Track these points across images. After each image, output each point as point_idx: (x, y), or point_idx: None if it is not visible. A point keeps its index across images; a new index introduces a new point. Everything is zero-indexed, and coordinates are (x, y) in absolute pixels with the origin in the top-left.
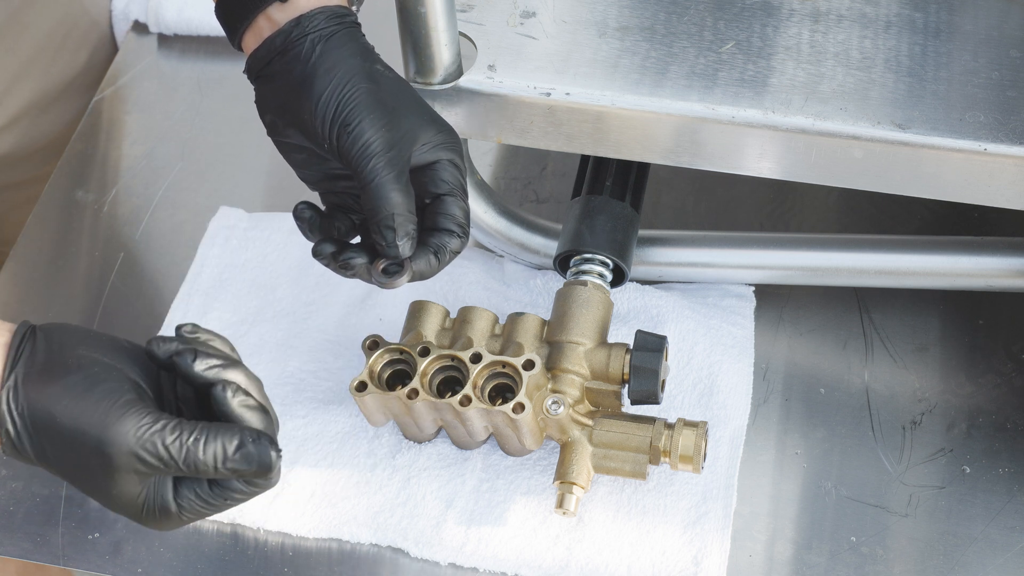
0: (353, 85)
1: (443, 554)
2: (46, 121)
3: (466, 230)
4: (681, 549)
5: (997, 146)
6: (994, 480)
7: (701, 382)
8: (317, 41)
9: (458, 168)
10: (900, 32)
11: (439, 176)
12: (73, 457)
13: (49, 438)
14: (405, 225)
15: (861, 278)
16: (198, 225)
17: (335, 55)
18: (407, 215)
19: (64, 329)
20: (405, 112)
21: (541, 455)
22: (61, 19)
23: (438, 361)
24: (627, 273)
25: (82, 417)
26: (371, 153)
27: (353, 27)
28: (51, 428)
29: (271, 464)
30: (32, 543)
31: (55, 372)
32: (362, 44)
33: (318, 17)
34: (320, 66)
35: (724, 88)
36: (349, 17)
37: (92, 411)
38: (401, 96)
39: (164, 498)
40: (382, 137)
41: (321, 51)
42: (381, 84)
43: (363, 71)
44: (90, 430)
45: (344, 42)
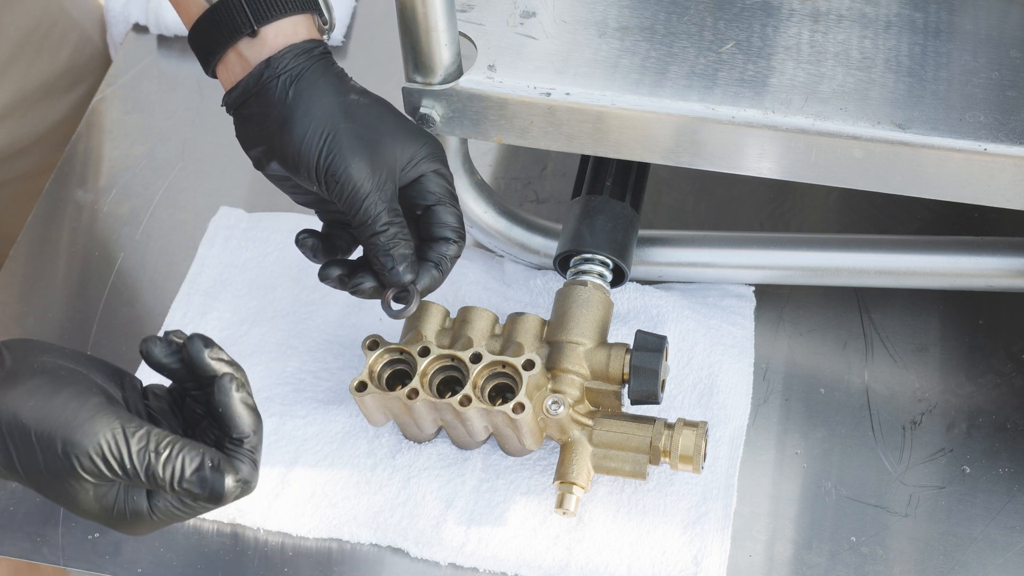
0: (332, 128)
1: (443, 554)
2: (29, 122)
3: (461, 233)
4: (681, 549)
5: (997, 146)
6: (994, 480)
7: (701, 382)
8: (289, 83)
9: (443, 176)
10: (900, 32)
11: (426, 189)
12: (38, 461)
13: (14, 442)
14: (402, 253)
15: (861, 278)
16: (198, 225)
17: (308, 95)
18: (402, 243)
19: (28, 342)
20: (384, 139)
21: (541, 455)
22: (39, 19)
23: (438, 361)
24: (627, 273)
25: (48, 418)
26: (361, 196)
27: (323, 59)
28: (16, 431)
29: (221, 494)
30: (32, 543)
31: (20, 376)
32: (334, 76)
33: (287, 57)
34: (296, 109)
35: (724, 88)
36: (318, 49)
37: (59, 413)
38: (379, 122)
39: (137, 502)
40: (368, 176)
41: (295, 93)
42: (358, 117)
43: (339, 108)
44: (56, 431)
45: (315, 80)
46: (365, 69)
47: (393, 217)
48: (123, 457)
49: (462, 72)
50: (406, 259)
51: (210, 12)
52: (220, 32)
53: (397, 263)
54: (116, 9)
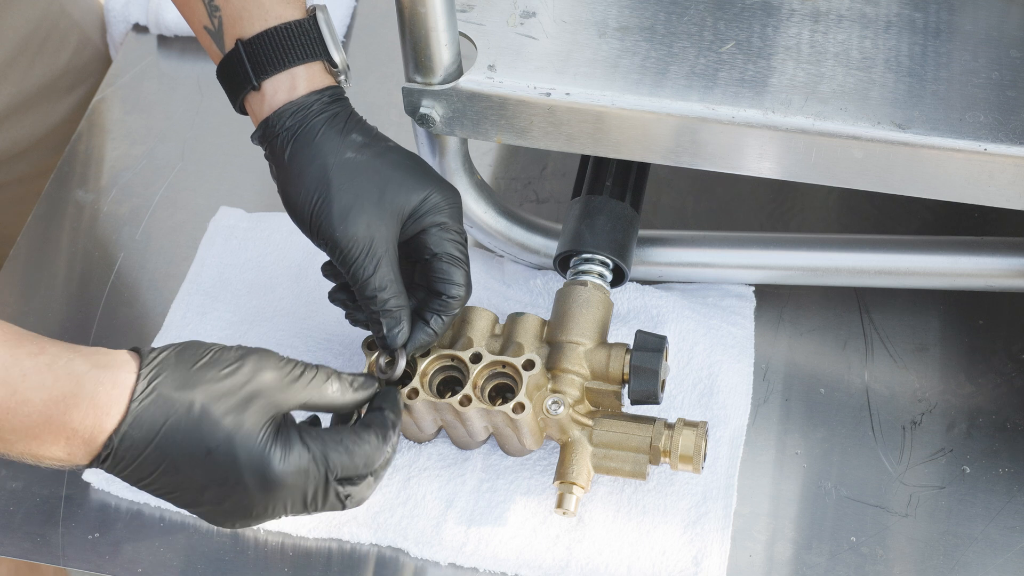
0: (321, 192)
1: (443, 554)
2: (29, 123)
3: (461, 287)
4: (681, 549)
5: (997, 146)
6: (994, 480)
7: (701, 382)
8: (285, 144)
9: (446, 230)
10: (900, 32)
11: (426, 244)
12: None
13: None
14: (391, 320)
15: (861, 278)
16: (198, 225)
17: (302, 157)
18: (393, 310)
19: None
20: (386, 192)
21: (541, 455)
22: (39, 21)
23: (438, 361)
24: (627, 273)
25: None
26: (350, 261)
27: (322, 114)
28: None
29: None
30: (32, 543)
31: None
32: (333, 133)
33: (283, 116)
34: (291, 171)
35: (724, 88)
36: (319, 102)
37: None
38: (378, 175)
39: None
40: (355, 238)
41: (290, 154)
42: (353, 173)
43: (331, 170)
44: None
45: (310, 140)
46: (365, 69)
47: (384, 283)
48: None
49: (462, 72)
50: (396, 325)
51: (223, 63)
52: (233, 82)
53: (387, 329)
54: (116, 9)
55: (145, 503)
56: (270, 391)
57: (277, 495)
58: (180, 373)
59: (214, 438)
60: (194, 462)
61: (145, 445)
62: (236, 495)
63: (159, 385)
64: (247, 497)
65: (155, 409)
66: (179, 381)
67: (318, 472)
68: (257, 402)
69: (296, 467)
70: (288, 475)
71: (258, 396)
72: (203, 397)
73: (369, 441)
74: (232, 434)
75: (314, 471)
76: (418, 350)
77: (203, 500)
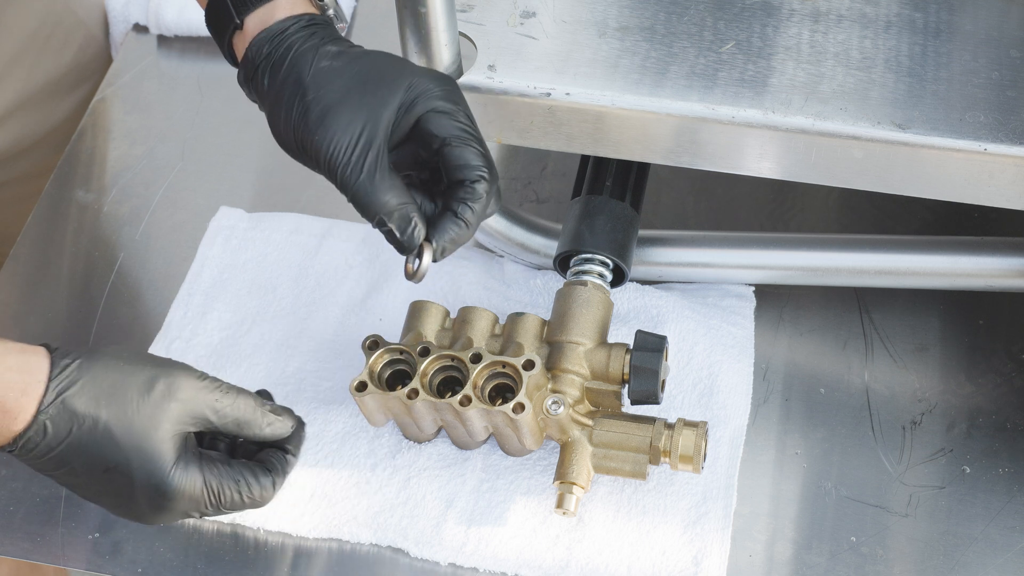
0: (298, 107)
1: (443, 554)
2: (33, 121)
3: (482, 167)
4: (681, 549)
5: (997, 146)
6: (994, 480)
7: (701, 382)
8: (264, 72)
9: (443, 112)
10: (900, 32)
11: (427, 132)
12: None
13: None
14: (401, 220)
15: (861, 278)
16: (198, 225)
17: (279, 81)
18: (399, 205)
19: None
20: (367, 90)
21: (541, 455)
22: (44, 18)
23: (438, 361)
24: (627, 273)
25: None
26: (336, 165)
27: (297, 33)
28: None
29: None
30: (32, 543)
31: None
32: (307, 51)
33: (262, 44)
34: (270, 97)
35: (724, 88)
36: (293, 25)
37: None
38: (355, 78)
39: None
40: (340, 143)
41: (268, 78)
42: (332, 77)
43: (305, 83)
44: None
45: (282, 63)
46: None
47: (377, 182)
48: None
49: (462, 72)
50: (407, 225)
51: (208, 9)
52: (217, 25)
53: (399, 232)
54: (116, 9)
55: None
56: (177, 417)
57: (166, 514)
58: (89, 387)
59: (113, 458)
60: (92, 475)
61: (47, 451)
62: (130, 506)
63: (67, 398)
64: (138, 509)
65: (60, 422)
66: (87, 395)
67: (208, 503)
68: (160, 428)
69: (189, 495)
70: (180, 500)
71: (162, 422)
72: (108, 415)
73: (264, 486)
74: (130, 458)
75: (205, 500)
76: (451, 244)
77: (101, 502)
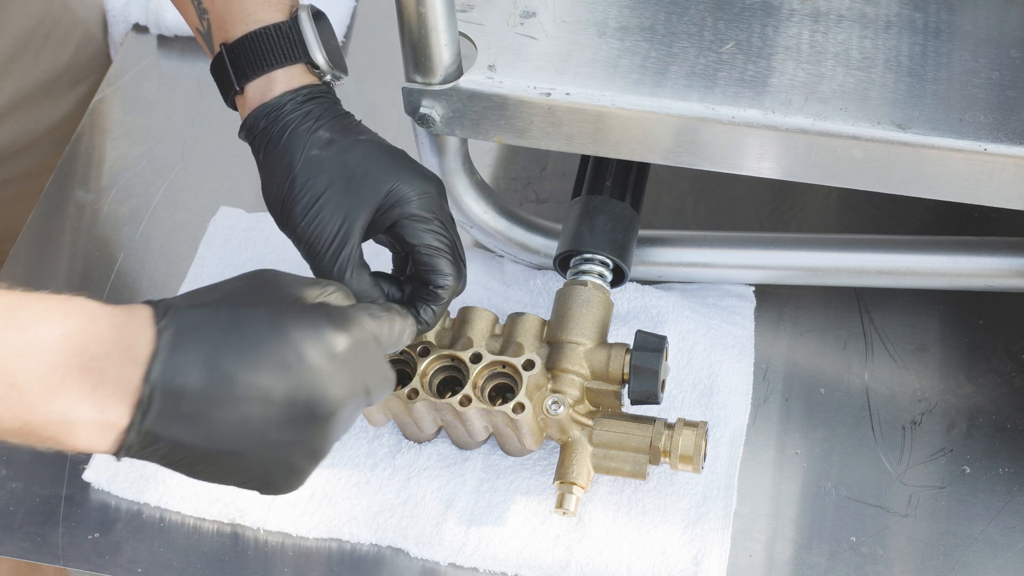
0: (284, 193)
1: (443, 554)
2: (32, 119)
3: (444, 277)
4: (681, 549)
5: (997, 146)
6: (994, 480)
7: (701, 382)
8: (260, 146)
9: (419, 220)
10: (900, 32)
11: (403, 236)
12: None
13: None
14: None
15: (861, 278)
16: (198, 225)
17: (272, 158)
18: (367, 299)
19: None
20: (350, 187)
21: (541, 455)
22: (42, 17)
23: (438, 361)
24: (627, 273)
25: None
26: (315, 254)
27: (294, 113)
28: None
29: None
30: (32, 543)
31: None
32: (302, 132)
33: (259, 118)
34: (265, 169)
35: (724, 88)
36: (290, 102)
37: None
38: (345, 169)
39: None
40: (322, 235)
41: (264, 154)
42: (319, 169)
43: (299, 165)
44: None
45: (277, 142)
46: (365, 69)
47: (347, 279)
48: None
49: (462, 72)
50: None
51: (212, 66)
52: (221, 84)
53: None
54: (116, 9)
55: (145, 503)
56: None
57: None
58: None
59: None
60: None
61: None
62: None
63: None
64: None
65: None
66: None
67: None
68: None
69: (357, 339)
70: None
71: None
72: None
73: (403, 315)
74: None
75: (370, 342)
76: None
77: (250, 439)
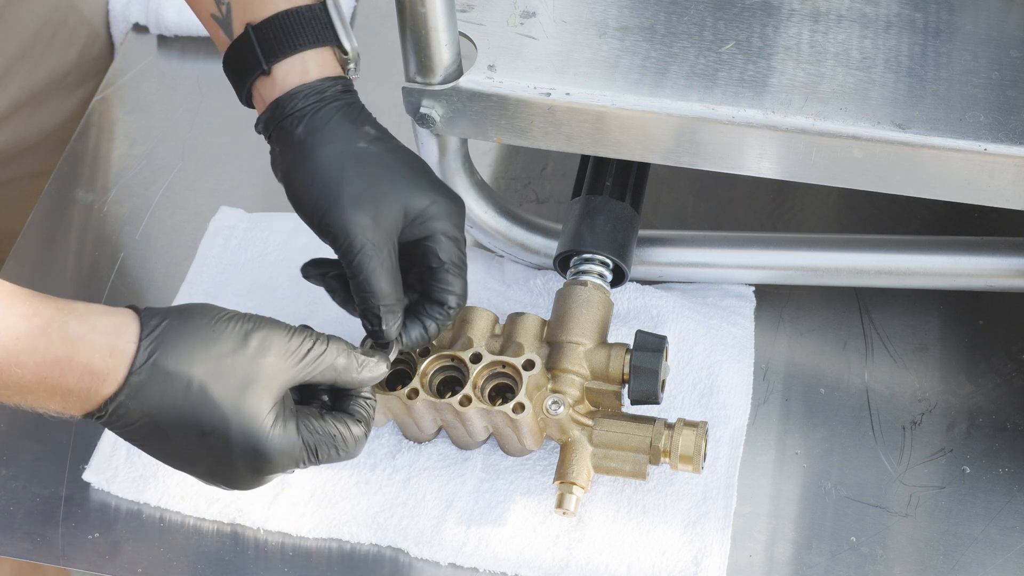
0: (332, 178)
1: (443, 554)
2: (37, 118)
3: (462, 299)
4: (681, 549)
5: (997, 146)
6: (994, 480)
7: (701, 382)
8: (297, 124)
9: (452, 239)
10: (900, 32)
11: (432, 251)
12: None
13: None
14: (390, 314)
15: (861, 278)
16: (198, 225)
17: (313, 141)
18: (393, 304)
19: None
20: (393, 188)
21: (541, 455)
22: (48, 16)
23: (438, 361)
24: (627, 273)
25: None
26: (354, 248)
27: (336, 100)
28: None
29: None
30: (32, 543)
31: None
32: (345, 120)
33: (296, 98)
34: (300, 154)
35: (724, 88)
36: (332, 88)
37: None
38: (386, 174)
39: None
40: (363, 227)
41: (300, 138)
42: (363, 167)
43: (343, 157)
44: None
45: (322, 125)
46: (365, 69)
47: (387, 278)
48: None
49: (462, 72)
50: (394, 321)
51: (230, 50)
52: (241, 68)
53: (385, 324)
54: (117, 9)
55: (145, 503)
56: (273, 373)
57: (263, 477)
58: (181, 346)
59: (210, 421)
60: (188, 440)
61: (140, 415)
62: (226, 472)
63: (159, 358)
64: (235, 474)
65: (152, 384)
66: (179, 355)
67: (305, 460)
68: (257, 385)
69: (288, 455)
70: (278, 462)
71: (259, 378)
72: (203, 374)
73: (357, 438)
74: (228, 418)
75: (301, 458)
76: (411, 346)
77: (194, 470)
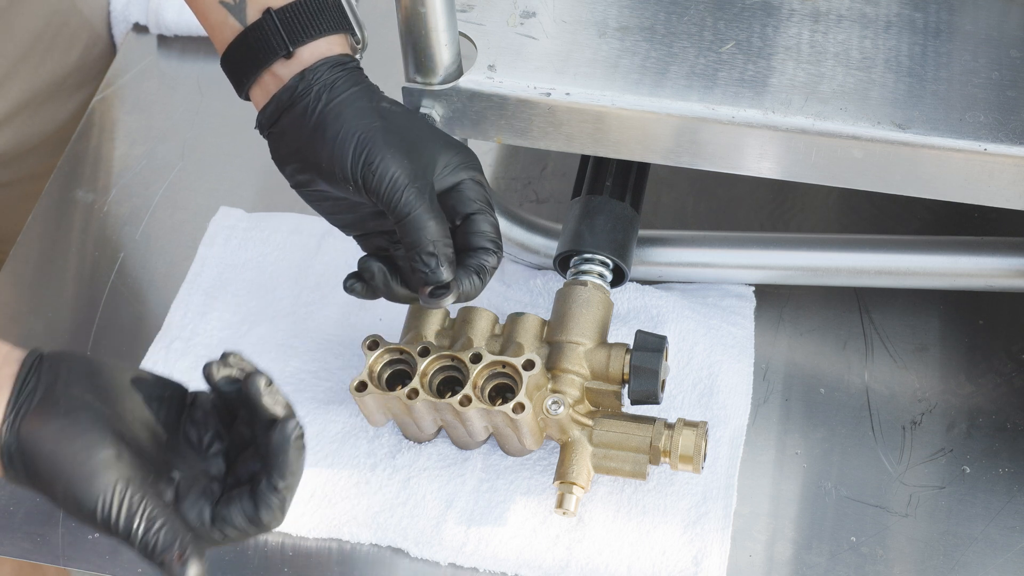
0: (366, 124)
1: (443, 554)
2: (39, 120)
3: (499, 244)
4: (681, 549)
5: (997, 146)
6: (994, 480)
7: (701, 382)
8: (323, 91)
9: (481, 185)
10: (900, 32)
11: (465, 196)
12: (56, 493)
13: (36, 474)
14: (444, 251)
15: (861, 278)
16: (198, 225)
17: (342, 100)
18: (444, 240)
19: (70, 362)
20: (420, 141)
21: (541, 455)
22: (50, 18)
23: (438, 361)
24: (627, 273)
25: (60, 465)
26: (399, 186)
27: (356, 71)
28: (36, 466)
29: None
30: (32, 543)
31: (46, 413)
32: (366, 86)
33: (320, 68)
34: (330, 113)
35: (724, 88)
36: (351, 63)
37: (69, 462)
38: (412, 127)
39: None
40: (406, 169)
41: (327, 99)
42: (391, 119)
43: (372, 110)
44: (65, 480)
45: (348, 87)
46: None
47: (435, 212)
48: (112, 519)
49: (462, 72)
50: (448, 260)
51: (244, 35)
52: (255, 54)
53: (440, 263)
54: (117, 9)
55: None
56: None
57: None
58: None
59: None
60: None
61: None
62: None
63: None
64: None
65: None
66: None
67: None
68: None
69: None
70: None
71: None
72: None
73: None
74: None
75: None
76: (464, 297)
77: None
